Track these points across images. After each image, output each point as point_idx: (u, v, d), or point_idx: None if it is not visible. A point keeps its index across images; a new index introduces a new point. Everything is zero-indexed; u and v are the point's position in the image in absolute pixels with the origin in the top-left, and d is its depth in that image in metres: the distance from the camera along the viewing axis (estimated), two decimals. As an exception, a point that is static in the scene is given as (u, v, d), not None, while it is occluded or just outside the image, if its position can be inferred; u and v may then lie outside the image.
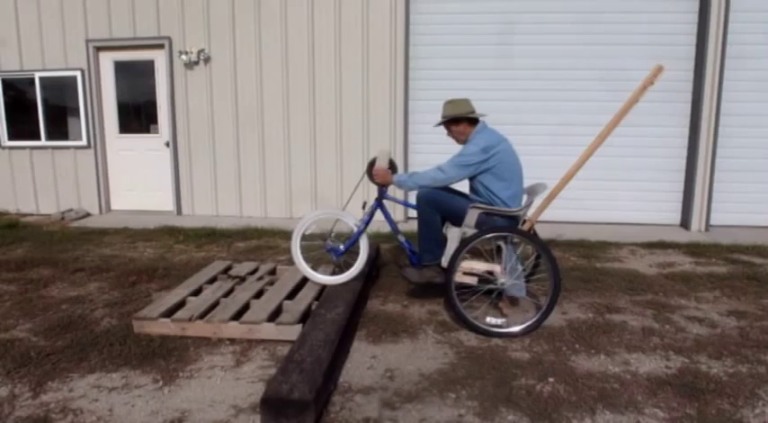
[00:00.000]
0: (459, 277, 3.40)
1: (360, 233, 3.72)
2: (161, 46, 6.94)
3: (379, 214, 3.80)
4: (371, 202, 3.80)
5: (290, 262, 4.08)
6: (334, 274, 3.92)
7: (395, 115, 6.68)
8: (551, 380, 2.71)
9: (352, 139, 6.81)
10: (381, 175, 3.65)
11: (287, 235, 3.96)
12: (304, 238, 3.80)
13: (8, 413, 2.41)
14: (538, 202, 3.50)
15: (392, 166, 3.76)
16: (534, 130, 6.54)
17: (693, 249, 5.39)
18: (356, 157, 6.81)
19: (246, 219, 6.96)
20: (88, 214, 7.39)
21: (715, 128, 6.26)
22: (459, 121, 3.59)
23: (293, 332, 3.11)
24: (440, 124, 3.71)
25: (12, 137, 7.47)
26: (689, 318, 3.55)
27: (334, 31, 6.64)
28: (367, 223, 3.73)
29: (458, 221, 3.48)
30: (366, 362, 2.93)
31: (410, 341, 3.19)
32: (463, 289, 3.45)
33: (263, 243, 5.65)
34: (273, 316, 3.31)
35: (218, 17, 6.79)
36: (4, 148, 7.49)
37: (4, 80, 7.33)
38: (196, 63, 6.87)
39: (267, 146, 6.99)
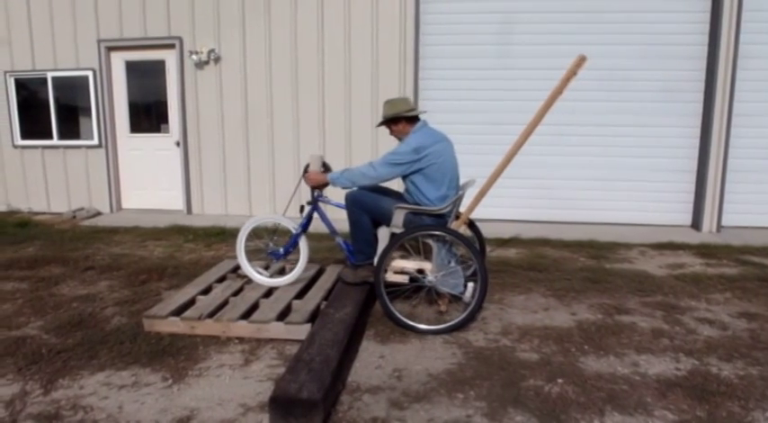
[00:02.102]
0: (389, 276, 3.43)
1: (298, 236, 3.79)
2: (172, 46, 6.98)
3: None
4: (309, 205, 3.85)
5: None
6: (280, 275, 3.98)
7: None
8: (560, 381, 2.70)
9: (361, 139, 6.82)
10: (314, 179, 3.69)
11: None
12: (249, 239, 3.91)
13: (20, 410, 2.44)
14: (467, 201, 3.53)
15: (326, 169, 3.78)
16: (538, 129, 6.49)
17: (704, 250, 5.34)
18: (365, 156, 6.79)
19: (255, 218, 6.98)
20: (99, 213, 7.45)
21: (727, 128, 6.20)
22: (398, 120, 3.60)
23: (302, 331, 3.12)
24: (380, 125, 3.73)
25: (24, 136, 7.54)
26: (699, 319, 3.52)
27: (344, 31, 6.65)
28: (304, 226, 3.79)
29: (386, 221, 3.50)
30: (374, 361, 2.93)
31: (418, 341, 3.19)
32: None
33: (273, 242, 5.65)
34: (282, 315, 3.32)
35: (228, 17, 6.82)
36: (16, 147, 7.57)
37: (16, 80, 7.40)
38: (206, 63, 6.91)
39: (276, 145, 7.01)
